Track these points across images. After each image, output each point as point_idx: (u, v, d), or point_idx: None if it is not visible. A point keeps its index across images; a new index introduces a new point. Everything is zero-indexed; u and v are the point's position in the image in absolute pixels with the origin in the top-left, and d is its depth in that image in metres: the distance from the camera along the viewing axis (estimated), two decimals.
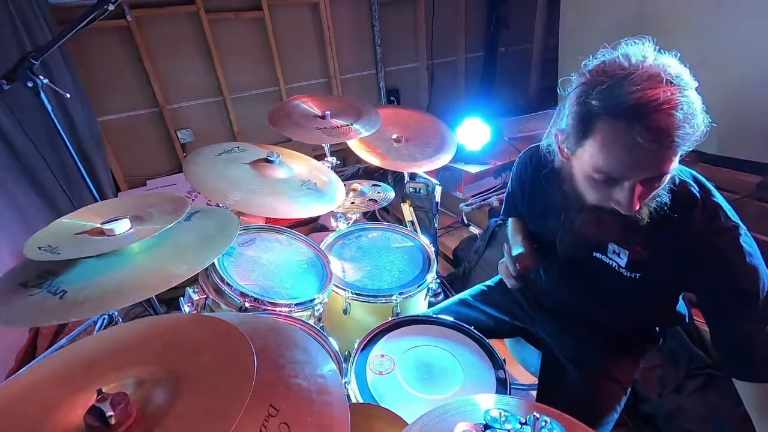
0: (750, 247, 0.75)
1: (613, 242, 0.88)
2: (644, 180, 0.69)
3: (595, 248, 0.92)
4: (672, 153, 0.65)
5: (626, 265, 0.87)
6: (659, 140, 0.62)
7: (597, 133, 0.68)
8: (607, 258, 0.90)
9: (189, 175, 1.21)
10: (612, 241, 0.88)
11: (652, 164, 0.66)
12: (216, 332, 0.66)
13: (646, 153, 0.64)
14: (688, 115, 0.62)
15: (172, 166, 3.03)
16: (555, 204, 0.93)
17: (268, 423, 0.58)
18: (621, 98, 0.63)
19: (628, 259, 0.86)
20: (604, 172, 0.70)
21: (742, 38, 2.05)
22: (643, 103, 0.62)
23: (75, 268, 0.87)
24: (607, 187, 0.73)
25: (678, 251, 0.79)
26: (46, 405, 0.57)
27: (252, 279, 1.23)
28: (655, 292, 0.89)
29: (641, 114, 0.62)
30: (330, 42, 3.31)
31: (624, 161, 0.67)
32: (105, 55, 2.61)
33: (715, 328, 0.80)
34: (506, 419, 0.66)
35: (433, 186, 1.90)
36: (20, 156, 2.16)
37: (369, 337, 1.10)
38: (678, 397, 1.58)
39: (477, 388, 0.97)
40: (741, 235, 0.76)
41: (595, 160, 0.70)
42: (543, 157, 0.95)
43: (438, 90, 3.99)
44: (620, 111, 0.64)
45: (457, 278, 2.34)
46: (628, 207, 0.71)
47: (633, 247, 0.84)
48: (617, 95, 0.64)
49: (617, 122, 0.64)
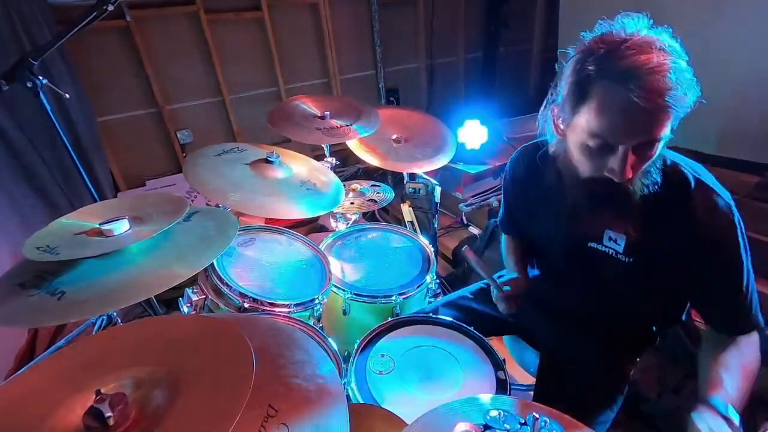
0: (740, 223, 0.81)
1: (609, 225, 0.89)
2: (637, 147, 0.71)
3: (591, 238, 0.93)
4: (665, 115, 0.67)
5: (624, 250, 0.88)
6: (653, 99, 0.65)
7: (593, 97, 0.71)
8: (603, 246, 0.91)
9: (188, 175, 1.21)
10: (607, 221, 0.89)
11: (646, 126, 0.69)
12: (215, 333, 0.66)
13: (641, 113, 0.66)
14: (679, 79, 0.66)
15: (171, 167, 3.03)
16: (549, 193, 0.95)
17: (267, 423, 0.58)
18: (617, 62, 0.67)
19: (625, 243, 0.87)
20: (599, 136, 0.72)
21: (742, 38, 2.06)
22: (638, 66, 0.65)
23: (74, 269, 0.87)
24: (602, 156, 0.75)
25: (676, 233, 0.81)
26: (44, 406, 0.56)
27: (251, 279, 1.22)
28: (653, 276, 0.89)
29: (636, 75, 0.65)
30: (329, 42, 3.31)
31: (619, 123, 0.69)
32: (104, 56, 2.61)
33: (702, 291, 0.86)
34: (506, 419, 0.66)
35: (432, 186, 1.90)
36: (19, 156, 2.15)
37: (369, 338, 1.10)
38: (677, 397, 1.58)
39: (477, 388, 0.97)
40: (735, 214, 0.80)
41: (591, 125, 0.72)
42: (536, 147, 0.99)
43: (438, 90, 3.99)
44: (616, 74, 0.67)
45: (456, 278, 2.34)
46: (621, 173, 0.72)
47: (628, 228, 0.86)
48: (613, 60, 0.68)
49: (613, 84, 0.67)
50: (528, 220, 1.14)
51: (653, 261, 0.86)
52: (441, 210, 2.47)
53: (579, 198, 0.87)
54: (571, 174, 0.86)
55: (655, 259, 0.86)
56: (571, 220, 0.93)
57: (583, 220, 0.91)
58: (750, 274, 0.82)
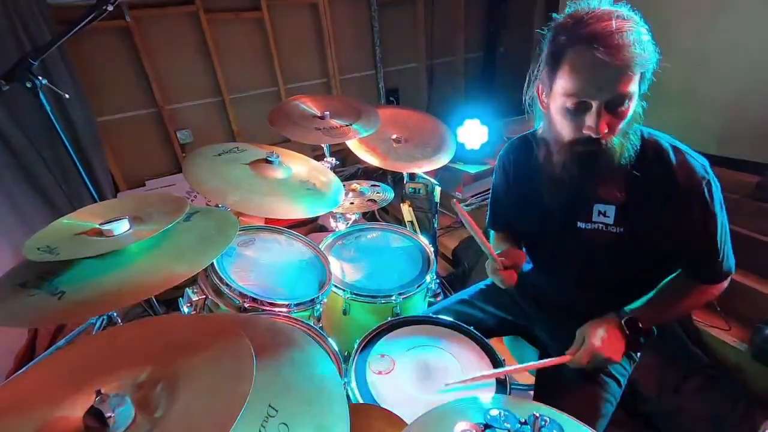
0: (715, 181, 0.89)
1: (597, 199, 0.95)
2: (609, 104, 0.80)
3: (580, 217, 0.98)
4: (628, 70, 0.76)
5: (613, 220, 0.95)
6: (615, 55, 0.75)
7: (566, 62, 0.82)
8: (592, 224, 0.97)
9: (188, 175, 1.21)
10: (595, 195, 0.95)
11: (613, 81, 0.78)
12: (215, 333, 0.66)
13: (606, 68, 0.76)
14: (638, 39, 0.76)
15: (171, 167, 3.03)
16: (538, 181, 1.01)
17: (268, 423, 0.58)
18: (583, 29, 0.78)
19: (614, 212, 0.94)
20: (573, 95, 0.82)
21: (742, 38, 2.06)
22: (600, 30, 0.77)
23: (74, 269, 0.86)
24: (578, 114, 0.84)
25: (658, 194, 0.90)
26: (44, 406, 0.56)
27: (251, 279, 1.22)
28: (641, 246, 0.95)
29: (599, 37, 0.76)
30: (329, 42, 3.31)
31: (589, 80, 0.79)
32: (104, 56, 2.61)
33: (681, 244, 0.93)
34: (506, 419, 0.66)
35: (432, 186, 1.90)
36: (19, 156, 2.15)
37: (369, 338, 1.10)
38: (677, 397, 1.58)
39: (477, 388, 0.97)
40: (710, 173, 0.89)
41: (565, 86, 0.82)
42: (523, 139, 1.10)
43: (437, 90, 3.99)
44: (582, 38, 0.78)
45: (456, 278, 2.34)
46: (597, 128, 0.81)
47: (616, 195, 0.93)
48: (580, 28, 0.79)
49: (580, 47, 0.78)
50: (518, 213, 1.16)
51: (641, 226, 0.93)
52: (441, 210, 2.47)
53: (567, 176, 0.93)
54: (558, 151, 0.93)
55: (643, 224, 0.93)
56: (560, 203, 0.99)
57: (572, 200, 0.97)
58: (724, 227, 0.91)
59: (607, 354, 0.91)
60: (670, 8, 2.27)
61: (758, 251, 1.75)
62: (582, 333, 0.97)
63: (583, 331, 0.97)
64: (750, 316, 1.67)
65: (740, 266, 1.75)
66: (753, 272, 1.76)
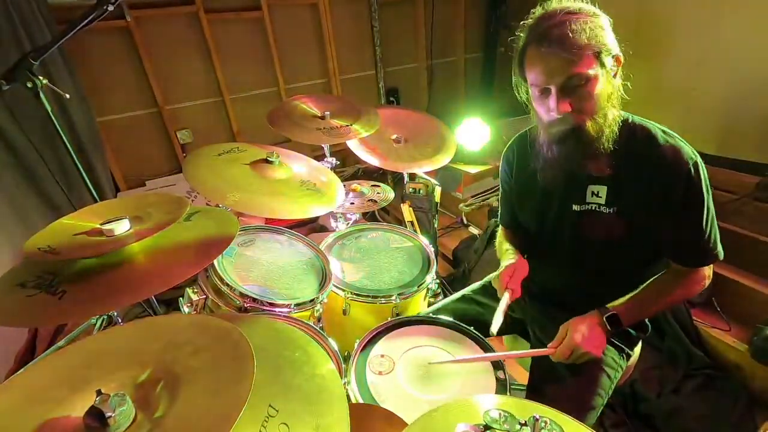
0: (702, 166, 0.93)
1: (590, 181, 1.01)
2: (564, 87, 0.89)
3: (575, 200, 1.04)
4: (571, 56, 0.85)
5: (606, 201, 1.01)
6: (555, 46, 0.86)
7: (526, 58, 0.94)
8: (586, 205, 1.03)
9: (188, 175, 1.21)
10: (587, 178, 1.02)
11: (560, 67, 0.87)
12: (215, 333, 0.66)
13: (552, 59, 0.87)
14: (578, 29, 0.85)
15: (171, 167, 3.03)
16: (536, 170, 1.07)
17: (268, 423, 0.58)
18: (535, 29, 0.91)
19: (606, 192, 1.00)
20: (535, 85, 0.93)
21: (742, 38, 2.06)
22: (547, 26, 0.88)
23: (74, 269, 0.87)
24: (544, 100, 0.93)
25: (647, 174, 0.95)
26: (45, 406, 0.56)
27: (251, 279, 1.22)
28: (633, 225, 0.99)
29: (545, 33, 0.88)
30: (329, 42, 3.31)
31: (541, 70, 0.90)
32: (104, 56, 2.61)
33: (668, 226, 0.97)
34: (506, 420, 0.66)
35: (432, 186, 1.90)
36: (20, 156, 2.15)
37: (369, 338, 1.10)
38: (677, 397, 1.58)
39: (477, 388, 0.97)
40: (697, 157, 0.93)
41: (530, 79, 0.94)
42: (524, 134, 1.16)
43: (437, 90, 3.99)
44: (533, 37, 0.90)
45: (456, 278, 2.34)
46: (556, 108, 0.90)
47: (607, 175, 0.99)
48: (534, 29, 0.91)
49: (532, 45, 0.91)
50: (520, 203, 1.21)
51: (631, 206, 0.98)
52: (441, 210, 2.47)
53: (553, 156, 1.00)
54: (543, 134, 1.01)
55: (633, 204, 0.98)
56: (555, 185, 1.06)
57: (566, 183, 1.04)
58: (711, 211, 0.95)
59: (586, 348, 0.95)
60: (670, 8, 2.27)
61: (758, 251, 1.75)
62: (565, 328, 1.00)
63: (566, 327, 1.00)
64: (750, 316, 1.67)
65: (740, 266, 1.78)
66: (753, 272, 1.76)
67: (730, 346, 1.65)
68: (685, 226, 0.96)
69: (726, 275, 1.78)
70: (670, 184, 0.93)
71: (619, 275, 1.07)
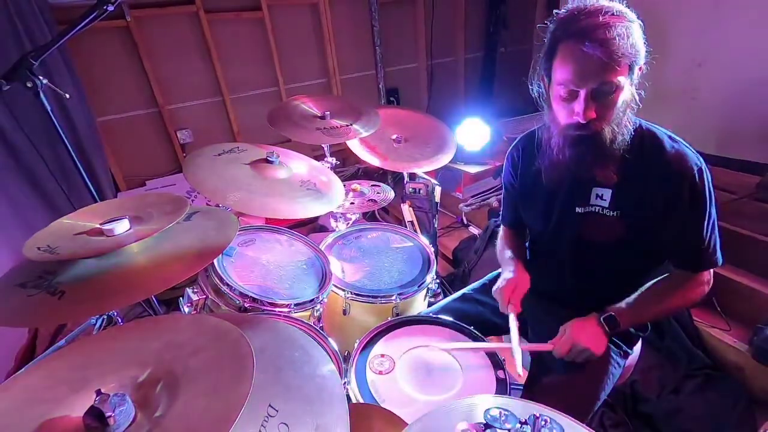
0: (707, 172, 0.94)
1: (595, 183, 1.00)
2: (595, 92, 0.86)
3: (579, 201, 1.03)
4: (612, 62, 0.82)
5: (609, 204, 1.00)
6: (599, 48, 0.81)
7: (558, 53, 0.89)
8: (590, 207, 1.02)
9: (188, 175, 1.21)
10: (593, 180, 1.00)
11: (596, 71, 0.84)
12: (215, 333, 0.66)
13: (591, 61, 0.83)
14: (623, 34, 0.82)
15: (171, 167, 3.03)
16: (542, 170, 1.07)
17: (268, 423, 0.58)
18: (574, 25, 0.86)
19: (611, 195, 0.99)
20: (563, 84, 0.89)
21: (742, 38, 2.06)
22: (587, 25, 0.84)
23: (74, 269, 0.86)
24: (569, 102, 0.90)
25: (653, 180, 0.94)
26: (44, 406, 0.56)
27: (251, 279, 1.22)
28: (636, 228, 0.99)
29: (586, 32, 0.83)
30: (330, 42, 3.31)
31: (575, 70, 0.86)
32: (104, 56, 2.61)
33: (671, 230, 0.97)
34: (506, 419, 0.66)
35: (432, 186, 1.90)
36: (20, 156, 2.15)
37: (369, 338, 1.10)
38: (677, 398, 1.58)
39: (477, 388, 0.97)
40: (702, 163, 0.93)
41: (558, 76, 0.90)
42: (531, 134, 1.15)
43: (437, 90, 3.99)
44: (572, 33, 0.85)
45: (456, 278, 2.33)
46: (582, 113, 0.87)
47: (612, 179, 0.98)
48: (572, 24, 0.86)
49: (570, 40, 0.86)
50: (524, 204, 1.21)
51: (635, 209, 0.97)
52: (441, 210, 2.47)
53: (563, 159, 0.98)
54: (557, 135, 0.99)
55: (637, 208, 0.97)
56: (560, 187, 1.05)
57: (571, 184, 1.03)
58: (712, 218, 0.95)
59: (585, 344, 0.96)
60: (670, 8, 2.27)
61: (758, 251, 1.75)
62: (564, 327, 1.02)
63: (565, 326, 1.02)
64: (750, 316, 1.67)
65: (740, 266, 1.78)
66: (753, 272, 1.76)
67: (730, 346, 1.65)
68: (686, 230, 0.96)
69: (726, 275, 1.77)
70: (674, 189, 0.92)
71: (621, 277, 1.07)
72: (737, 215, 1.83)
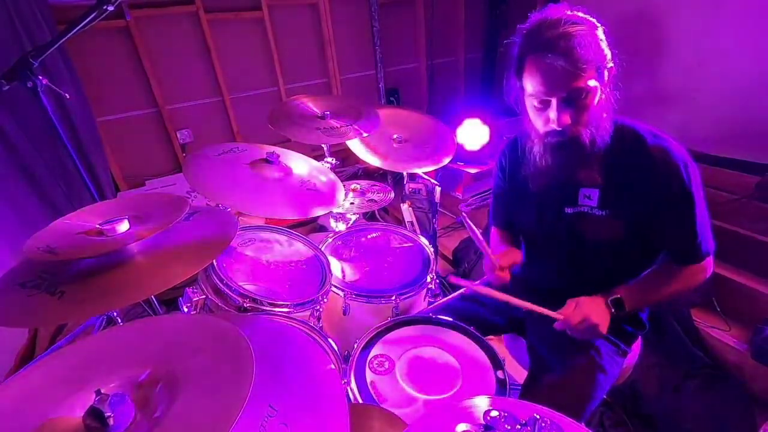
0: (692, 163, 0.95)
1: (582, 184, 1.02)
2: (566, 99, 0.89)
3: (567, 202, 1.05)
4: (577, 70, 0.85)
5: (597, 203, 1.01)
6: (561, 59, 0.85)
7: (526, 67, 0.92)
8: (578, 207, 1.04)
9: (188, 175, 1.21)
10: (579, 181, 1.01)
11: (563, 81, 0.87)
12: (215, 333, 0.66)
13: (556, 71, 0.86)
14: (584, 42, 0.85)
15: (171, 167, 3.03)
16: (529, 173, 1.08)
17: (268, 423, 0.58)
18: (537, 38, 0.89)
19: (598, 195, 1.01)
20: (534, 95, 0.92)
21: (742, 38, 2.06)
22: (550, 36, 0.87)
23: (74, 269, 0.86)
24: (543, 111, 0.94)
25: (638, 176, 0.95)
26: (44, 406, 0.56)
27: (251, 279, 1.22)
28: (625, 226, 1.00)
29: (549, 44, 0.86)
30: (330, 42, 3.31)
31: (543, 82, 0.89)
32: (104, 56, 2.61)
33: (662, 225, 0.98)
34: (506, 419, 0.66)
35: (432, 186, 1.90)
36: (20, 156, 2.15)
37: (368, 338, 1.10)
38: (677, 397, 1.58)
39: (477, 388, 0.97)
40: (686, 156, 0.94)
41: (529, 89, 0.94)
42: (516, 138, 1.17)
43: (437, 90, 3.99)
44: (535, 46, 0.89)
45: None
46: (556, 121, 0.91)
47: (599, 179, 0.99)
48: (535, 37, 0.90)
49: (535, 54, 0.89)
50: (515, 207, 1.22)
51: (623, 207, 0.99)
52: (441, 210, 2.47)
53: (546, 165, 1.01)
54: (537, 143, 1.01)
55: (625, 206, 0.98)
56: (548, 190, 1.06)
57: (559, 187, 1.04)
58: (701, 210, 0.96)
59: (594, 319, 0.97)
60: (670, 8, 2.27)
61: (758, 251, 1.75)
62: (575, 301, 1.01)
63: (576, 300, 1.01)
64: (750, 316, 1.67)
65: (740, 266, 1.78)
66: (753, 272, 1.76)
67: (730, 346, 1.65)
68: (680, 226, 0.97)
69: (726, 275, 1.77)
70: (659, 184, 0.94)
71: (618, 274, 1.07)
72: (737, 215, 1.83)
